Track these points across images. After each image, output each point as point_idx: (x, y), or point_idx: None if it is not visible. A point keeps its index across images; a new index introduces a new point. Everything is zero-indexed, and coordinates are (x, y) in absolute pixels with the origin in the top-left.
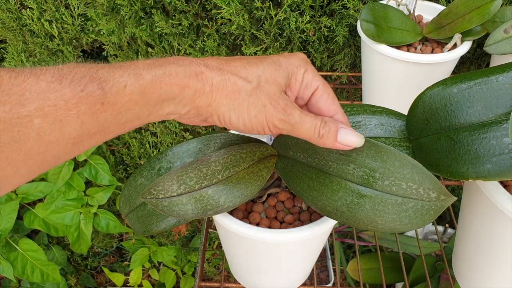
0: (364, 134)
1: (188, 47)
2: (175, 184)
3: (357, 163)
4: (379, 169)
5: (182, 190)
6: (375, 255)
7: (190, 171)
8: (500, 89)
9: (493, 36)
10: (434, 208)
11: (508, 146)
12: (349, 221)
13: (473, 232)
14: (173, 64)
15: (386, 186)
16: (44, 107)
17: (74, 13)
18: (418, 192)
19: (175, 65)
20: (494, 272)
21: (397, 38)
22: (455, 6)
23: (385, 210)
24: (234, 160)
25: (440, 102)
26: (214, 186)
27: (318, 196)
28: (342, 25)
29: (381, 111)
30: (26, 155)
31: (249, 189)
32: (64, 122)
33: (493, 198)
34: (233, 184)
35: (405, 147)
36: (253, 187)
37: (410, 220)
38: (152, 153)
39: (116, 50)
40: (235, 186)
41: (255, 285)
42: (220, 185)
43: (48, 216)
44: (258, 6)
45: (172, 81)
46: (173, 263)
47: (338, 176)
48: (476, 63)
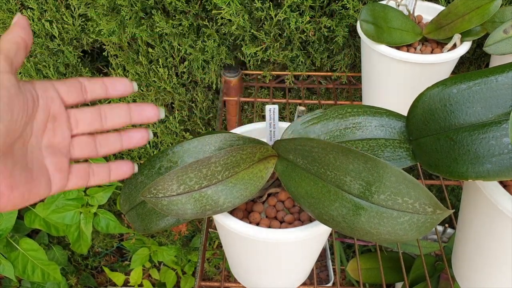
0: (364, 136)
1: (188, 47)
2: (174, 184)
3: (354, 176)
4: (375, 183)
5: (182, 190)
6: (375, 254)
7: (190, 171)
8: (500, 90)
9: (492, 36)
10: (430, 221)
11: (507, 146)
12: (345, 230)
13: (473, 232)
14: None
15: (382, 200)
16: None
17: (75, 14)
18: (414, 207)
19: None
20: (494, 272)
21: (396, 38)
22: (455, 6)
23: (380, 223)
24: (234, 161)
25: (440, 103)
26: (213, 186)
27: (315, 203)
28: (342, 26)
29: (382, 113)
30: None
31: (249, 189)
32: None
33: (493, 198)
34: (232, 184)
35: (405, 149)
36: (252, 188)
37: (405, 232)
38: (152, 153)
39: (117, 51)
40: (234, 187)
41: (255, 285)
42: (219, 185)
43: (48, 215)
44: (258, 6)
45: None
46: (174, 262)
47: (335, 186)
48: (475, 64)
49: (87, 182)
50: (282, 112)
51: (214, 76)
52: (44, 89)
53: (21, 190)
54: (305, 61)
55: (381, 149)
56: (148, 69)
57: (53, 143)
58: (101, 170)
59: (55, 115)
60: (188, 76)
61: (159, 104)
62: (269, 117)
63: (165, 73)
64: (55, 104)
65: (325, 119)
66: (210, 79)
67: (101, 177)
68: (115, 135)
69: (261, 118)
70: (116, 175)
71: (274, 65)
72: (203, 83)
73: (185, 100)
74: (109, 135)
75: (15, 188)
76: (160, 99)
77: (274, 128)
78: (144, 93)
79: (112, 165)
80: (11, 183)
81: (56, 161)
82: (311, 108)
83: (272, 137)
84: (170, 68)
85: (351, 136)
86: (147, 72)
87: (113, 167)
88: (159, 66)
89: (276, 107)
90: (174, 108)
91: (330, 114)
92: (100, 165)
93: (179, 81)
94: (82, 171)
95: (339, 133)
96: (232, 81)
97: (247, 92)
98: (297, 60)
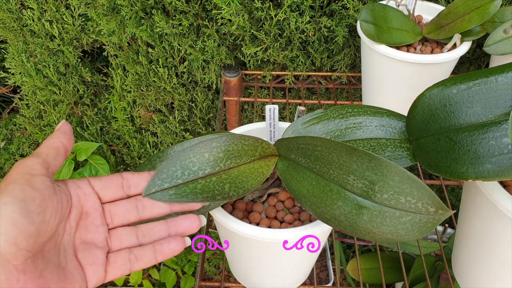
0: (365, 135)
1: (188, 47)
2: (178, 169)
3: (357, 175)
4: (379, 182)
5: (187, 176)
6: (374, 254)
7: (193, 155)
8: (500, 90)
9: (492, 37)
10: (432, 221)
11: (507, 146)
12: (346, 230)
13: (473, 232)
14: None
15: (385, 200)
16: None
17: (75, 14)
18: (416, 207)
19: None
20: (494, 272)
21: (396, 38)
22: (455, 6)
23: (382, 222)
24: (236, 150)
25: (440, 103)
26: (217, 175)
27: (317, 202)
28: (342, 26)
29: (382, 112)
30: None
31: (250, 182)
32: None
33: (493, 198)
34: (235, 175)
35: (406, 149)
36: (253, 182)
37: (407, 232)
38: (153, 153)
39: (117, 51)
40: (237, 178)
41: (255, 285)
42: (223, 174)
43: None
44: (258, 6)
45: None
46: (174, 262)
47: (338, 185)
48: (475, 64)
49: (130, 270)
50: (282, 112)
51: (214, 76)
52: (77, 187)
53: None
54: (305, 61)
55: (382, 149)
56: (148, 69)
57: (87, 239)
58: (144, 254)
59: (88, 212)
60: (188, 76)
61: (159, 104)
62: (269, 117)
63: (165, 73)
64: (89, 201)
65: (326, 119)
66: (210, 79)
67: (145, 261)
68: (161, 223)
69: (261, 118)
70: (163, 255)
71: (274, 65)
72: (203, 83)
73: (185, 100)
74: (155, 224)
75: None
76: (160, 99)
77: (274, 128)
78: (144, 93)
79: (157, 245)
80: (41, 284)
81: (90, 256)
82: (311, 108)
83: (272, 137)
84: (170, 68)
85: (352, 136)
86: (147, 72)
87: (158, 247)
88: (159, 66)
89: (276, 107)
90: (174, 108)
91: (331, 114)
92: (143, 248)
93: (179, 81)
94: (121, 260)
95: (340, 133)
96: (232, 81)
97: (247, 92)
98: (297, 60)
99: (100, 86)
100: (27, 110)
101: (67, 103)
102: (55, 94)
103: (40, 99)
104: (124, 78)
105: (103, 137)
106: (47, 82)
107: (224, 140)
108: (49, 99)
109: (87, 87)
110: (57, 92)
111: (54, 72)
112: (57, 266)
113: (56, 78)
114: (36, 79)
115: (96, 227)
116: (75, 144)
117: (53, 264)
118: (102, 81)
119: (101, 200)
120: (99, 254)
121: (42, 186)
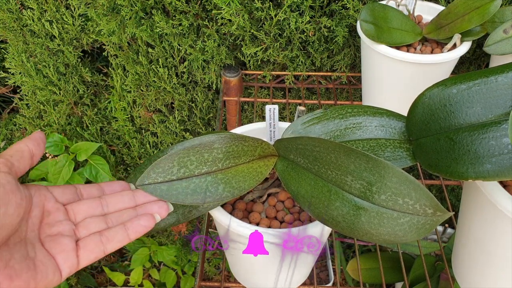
0: (365, 136)
1: (188, 47)
2: (175, 166)
3: (355, 175)
4: (377, 183)
5: (182, 173)
6: (374, 254)
7: (192, 154)
8: (500, 90)
9: (492, 37)
10: (430, 223)
11: (507, 146)
12: (344, 230)
13: (473, 232)
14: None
15: (383, 201)
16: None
17: (75, 14)
18: (414, 208)
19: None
20: (494, 272)
21: (396, 38)
22: (455, 6)
23: (380, 223)
24: (236, 151)
25: (440, 103)
26: (213, 174)
27: (316, 203)
28: (342, 26)
29: (382, 113)
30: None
31: (247, 182)
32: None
33: (493, 198)
34: (232, 175)
35: (405, 149)
36: (251, 182)
37: (405, 233)
38: (153, 153)
39: (117, 50)
40: (233, 178)
41: (255, 285)
42: (219, 173)
43: None
44: (258, 6)
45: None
46: (174, 262)
47: (336, 186)
48: (475, 64)
49: (104, 251)
50: (282, 112)
51: (214, 76)
52: (37, 189)
53: (23, 278)
54: (305, 61)
55: (381, 149)
56: (148, 69)
57: (51, 232)
58: (115, 234)
59: (49, 210)
60: (188, 76)
61: (159, 104)
62: (269, 117)
63: (165, 73)
64: (49, 201)
65: (326, 119)
66: (210, 79)
67: (118, 240)
68: (129, 210)
69: (261, 118)
70: (135, 232)
71: (274, 65)
72: (203, 83)
73: (185, 100)
74: (123, 211)
75: (16, 277)
76: (160, 99)
77: (274, 128)
78: (144, 93)
79: (127, 223)
80: (9, 273)
81: (58, 244)
82: (311, 108)
83: (272, 137)
84: (170, 68)
85: (352, 136)
86: (147, 72)
87: (129, 225)
88: (159, 66)
89: (276, 107)
90: (174, 108)
91: (331, 114)
92: (113, 229)
93: (179, 81)
94: (92, 244)
95: (340, 133)
96: (232, 81)
97: (247, 92)
98: (297, 60)
99: (100, 86)
100: (27, 110)
101: (67, 103)
102: (55, 94)
103: (40, 99)
104: (124, 78)
105: (103, 137)
106: (47, 82)
107: (225, 142)
108: (49, 99)
109: (87, 87)
110: (57, 92)
111: (54, 72)
112: (25, 257)
113: (56, 78)
114: (36, 79)
115: (60, 222)
116: (75, 144)
117: (20, 255)
118: (102, 81)
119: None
120: (67, 241)
121: (4, 182)
